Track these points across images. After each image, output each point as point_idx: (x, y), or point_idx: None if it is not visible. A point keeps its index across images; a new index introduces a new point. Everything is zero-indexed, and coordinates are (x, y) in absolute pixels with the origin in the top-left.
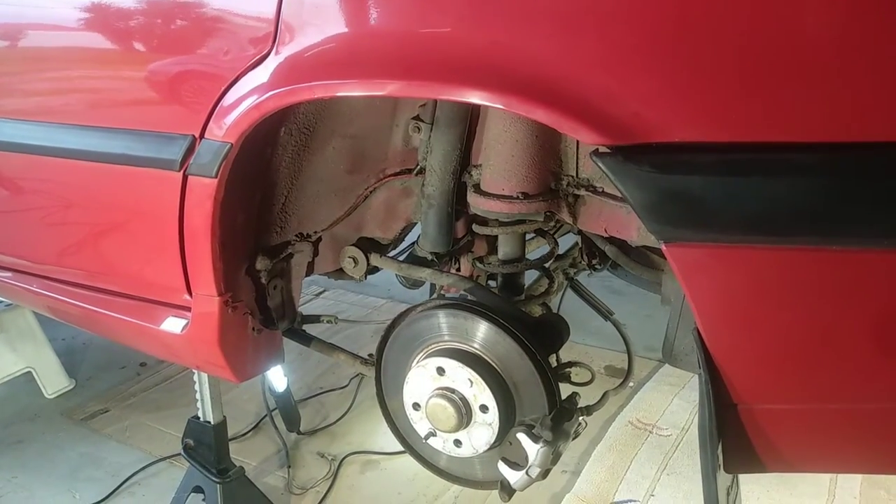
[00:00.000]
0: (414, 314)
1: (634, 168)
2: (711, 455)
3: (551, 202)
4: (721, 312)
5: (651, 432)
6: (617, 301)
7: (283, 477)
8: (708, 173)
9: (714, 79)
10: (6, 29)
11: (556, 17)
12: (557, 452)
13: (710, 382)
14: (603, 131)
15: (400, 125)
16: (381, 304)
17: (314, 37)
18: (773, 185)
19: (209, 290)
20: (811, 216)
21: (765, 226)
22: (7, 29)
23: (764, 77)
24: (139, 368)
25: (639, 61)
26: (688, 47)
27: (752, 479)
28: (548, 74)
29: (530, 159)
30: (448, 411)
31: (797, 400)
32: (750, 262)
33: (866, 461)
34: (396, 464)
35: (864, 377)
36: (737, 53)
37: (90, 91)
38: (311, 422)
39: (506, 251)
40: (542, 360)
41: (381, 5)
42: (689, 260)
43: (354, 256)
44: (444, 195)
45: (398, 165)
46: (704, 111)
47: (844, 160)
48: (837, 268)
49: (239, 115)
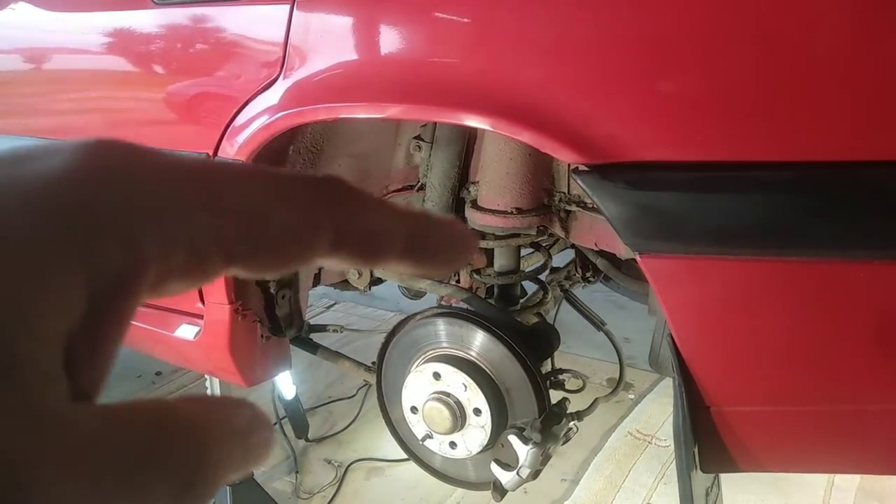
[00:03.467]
0: (413, 322)
1: (610, 185)
2: (686, 455)
3: (544, 217)
4: (692, 319)
5: (650, 443)
6: (620, 316)
7: (291, 482)
8: (678, 189)
9: (682, 102)
10: (33, 53)
11: (538, 47)
12: (547, 454)
13: (684, 386)
14: (581, 151)
15: (402, 144)
16: (389, 316)
17: (320, 62)
18: (738, 200)
19: (221, 298)
20: (774, 230)
21: (731, 238)
22: (34, 53)
23: (728, 101)
24: (154, 377)
25: (613, 87)
26: (658, 74)
27: (746, 488)
28: (531, 99)
29: (524, 177)
30: (443, 414)
31: (765, 402)
32: (718, 272)
33: (832, 461)
34: (400, 471)
35: (828, 380)
36: (703, 80)
37: (110, 111)
38: (319, 429)
39: (501, 264)
40: (533, 367)
41: (382, 35)
42: (662, 270)
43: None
44: (444, 210)
45: (400, 182)
46: (674, 132)
47: (804, 178)
48: (800, 277)
49: (250, 134)
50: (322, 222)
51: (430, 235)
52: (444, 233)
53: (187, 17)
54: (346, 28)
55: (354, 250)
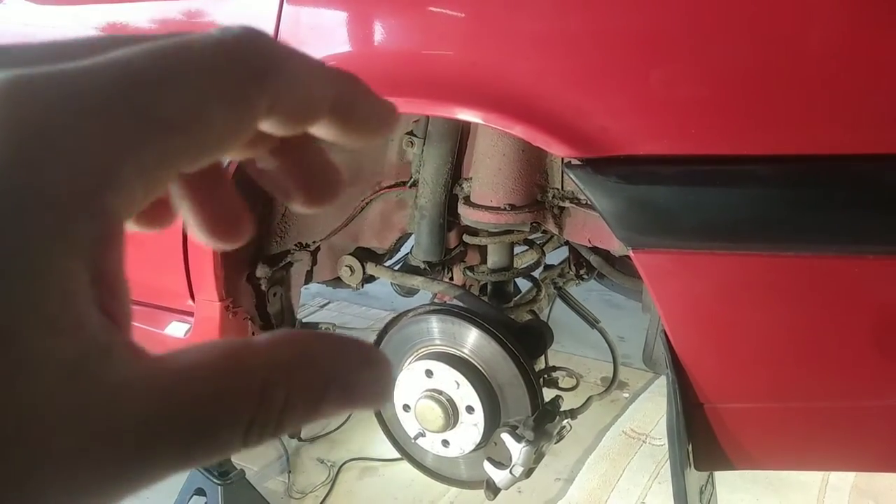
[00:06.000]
0: (405, 319)
1: (602, 179)
2: (680, 452)
3: (537, 213)
4: (685, 315)
5: (644, 441)
6: (614, 314)
7: (284, 482)
8: (671, 184)
9: (676, 95)
10: None
11: (530, 39)
12: (540, 452)
13: (678, 382)
14: (573, 145)
15: (394, 140)
16: (383, 315)
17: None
18: (732, 194)
19: (211, 296)
20: (768, 224)
21: (725, 233)
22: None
23: (722, 94)
24: None
25: (605, 80)
26: (651, 67)
27: (741, 487)
28: (523, 92)
29: (517, 172)
30: (436, 412)
31: (760, 399)
32: (711, 267)
33: (827, 458)
34: (393, 470)
35: (823, 376)
36: (696, 73)
37: None
38: (312, 429)
39: (494, 260)
40: (526, 364)
41: (373, 28)
42: (655, 265)
43: (351, 265)
44: (437, 207)
45: (393, 178)
46: (667, 125)
47: (798, 171)
48: (794, 272)
49: None
50: (258, 103)
51: (356, 101)
52: (369, 99)
53: (178, 10)
54: (336, 21)
55: (284, 118)
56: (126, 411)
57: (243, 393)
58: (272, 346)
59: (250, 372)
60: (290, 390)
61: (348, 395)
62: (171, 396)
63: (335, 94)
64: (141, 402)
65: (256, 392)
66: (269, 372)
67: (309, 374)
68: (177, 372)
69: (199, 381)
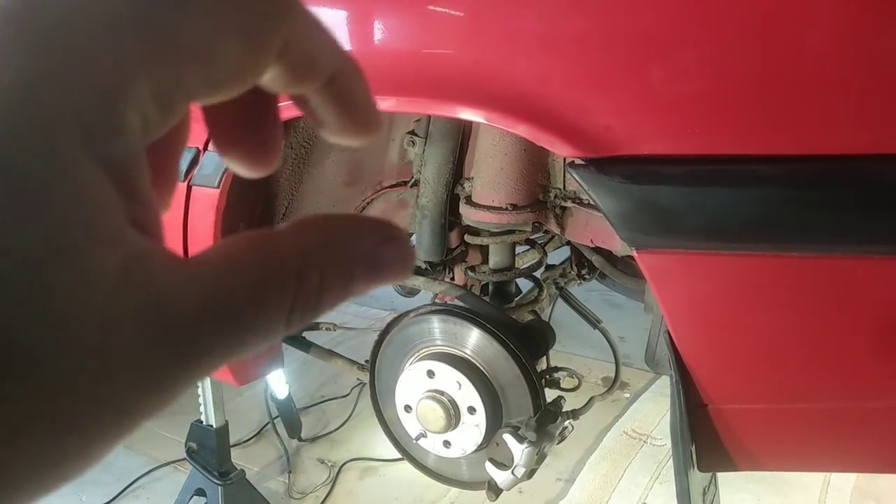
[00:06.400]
0: (407, 320)
1: (606, 179)
2: (683, 453)
3: (539, 213)
4: (689, 316)
5: (645, 442)
6: (616, 314)
7: (284, 482)
8: (675, 184)
9: (680, 95)
10: None
11: (533, 38)
12: (542, 453)
13: (681, 383)
14: (577, 144)
15: (396, 139)
16: (384, 315)
17: None
18: (736, 194)
19: None
20: (771, 224)
21: (728, 233)
22: None
23: (726, 94)
24: None
25: (609, 79)
26: (655, 66)
27: (742, 487)
28: (527, 91)
29: (519, 172)
30: (437, 413)
31: (763, 400)
32: (716, 267)
33: (830, 459)
34: (394, 470)
35: (827, 377)
36: (700, 72)
37: None
38: (313, 429)
39: (496, 260)
40: (528, 364)
41: (374, 26)
42: (659, 266)
43: None
44: (438, 206)
45: (394, 178)
46: (671, 125)
47: (803, 172)
48: (798, 273)
49: None
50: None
51: (354, 84)
52: (366, 90)
53: None
54: (337, 19)
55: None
56: (177, 311)
57: (281, 278)
58: (299, 233)
59: (285, 259)
60: (323, 271)
61: (375, 269)
62: (216, 293)
63: (338, 65)
64: (189, 302)
65: (293, 276)
66: (301, 256)
67: (337, 254)
68: (215, 268)
69: (239, 274)
